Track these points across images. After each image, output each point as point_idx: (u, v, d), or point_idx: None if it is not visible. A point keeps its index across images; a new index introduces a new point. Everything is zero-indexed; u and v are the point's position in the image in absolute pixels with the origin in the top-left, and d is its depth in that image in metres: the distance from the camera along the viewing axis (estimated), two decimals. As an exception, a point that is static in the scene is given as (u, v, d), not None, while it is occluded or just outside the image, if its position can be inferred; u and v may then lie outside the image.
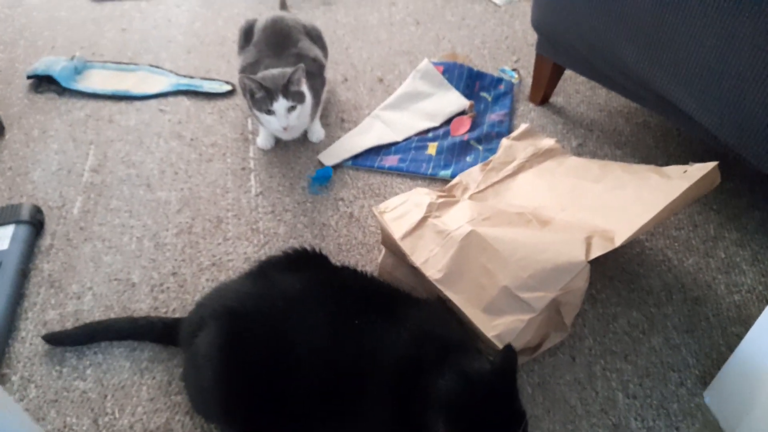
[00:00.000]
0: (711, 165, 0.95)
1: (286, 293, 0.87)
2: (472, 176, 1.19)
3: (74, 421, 0.95)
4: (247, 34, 1.45)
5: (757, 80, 0.95)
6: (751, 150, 1.03)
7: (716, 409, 0.93)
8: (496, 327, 0.87)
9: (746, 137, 1.02)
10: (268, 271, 0.93)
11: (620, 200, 0.97)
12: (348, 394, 0.79)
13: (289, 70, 1.26)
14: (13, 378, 1.01)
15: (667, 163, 1.07)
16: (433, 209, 1.01)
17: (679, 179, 0.95)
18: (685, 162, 1.02)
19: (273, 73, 1.26)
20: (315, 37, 1.48)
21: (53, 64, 1.68)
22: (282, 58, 1.35)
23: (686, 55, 1.04)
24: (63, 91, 1.65)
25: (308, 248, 0.97)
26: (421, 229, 0.98)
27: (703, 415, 0.93)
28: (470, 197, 1.10)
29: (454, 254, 0.91)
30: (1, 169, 1.41)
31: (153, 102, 1.61)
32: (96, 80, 1.69)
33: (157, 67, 1.72)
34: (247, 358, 0.83)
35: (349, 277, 0.94)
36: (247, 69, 1.36)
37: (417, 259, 0.94)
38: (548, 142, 1.20)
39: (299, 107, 1.28)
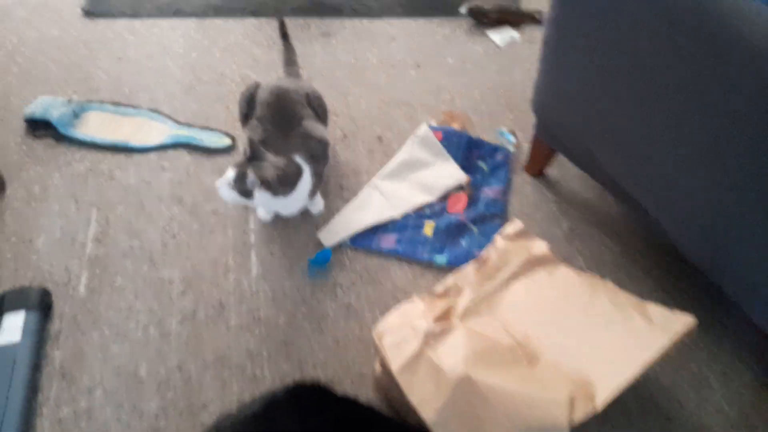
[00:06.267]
0: (690, 322, 1.02)
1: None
2: (467, 279, 1.24)
3: None
4: (249, 103, 1.45)
5: (707, 195, 1.04)
6: (702, 258, 1.13)
7: None
8: (482, 471, 0.96)
9: (694, 242, 1.14)
10: (271, 413, 0.99)
11: (605, 344, 1.04)
12: None
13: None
14: (33, 479, 1.09)
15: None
16: (429, 339, 1.07)
17: (661, 331, 1.02)
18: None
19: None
20: (317, 105, 1.48)
21: (50, 107, 1.66)
22: (289, 138, 1.36)
23: (650, 168, 1.13)
24: (61, 137, 1.64)
25: (309, 383, 1.03)
26: (418, 362, 1.04)
27: None
28: (464, 314, 1.16)
29: (448, 399, 0.98)
30: (6, 234, 1.43)
31: (153, 156, 1.61)
32: (93, 125, 1.68)
33: (156, 111, 1.71)
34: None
35: (347, 413, 1.01)
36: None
37: (413, 398, 1.01)
38: (540, 248, 1.25)
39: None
